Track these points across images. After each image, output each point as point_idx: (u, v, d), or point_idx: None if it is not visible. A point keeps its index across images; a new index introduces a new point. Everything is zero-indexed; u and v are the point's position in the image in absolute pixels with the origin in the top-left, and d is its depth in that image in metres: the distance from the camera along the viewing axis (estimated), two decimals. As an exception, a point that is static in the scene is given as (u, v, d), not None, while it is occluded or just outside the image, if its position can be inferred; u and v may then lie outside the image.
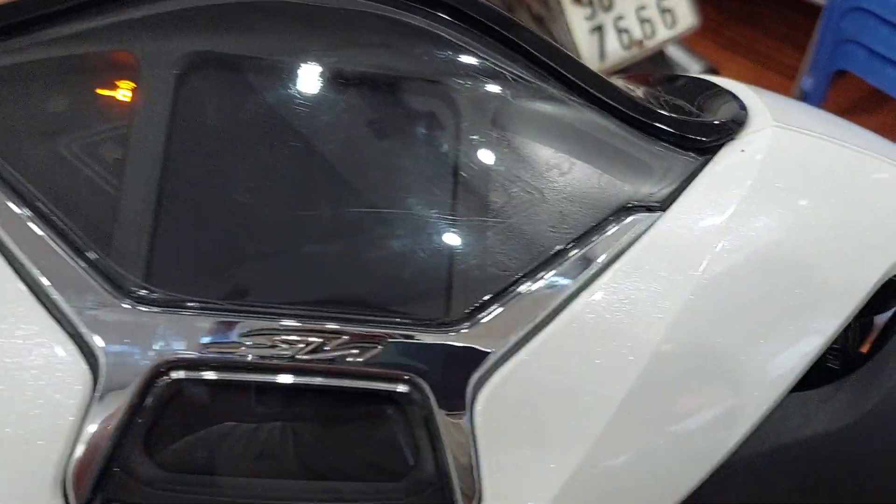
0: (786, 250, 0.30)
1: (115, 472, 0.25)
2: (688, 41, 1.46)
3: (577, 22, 1.24)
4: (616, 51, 1.29)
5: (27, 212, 0.25)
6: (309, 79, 0.28)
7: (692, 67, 1.53)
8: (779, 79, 1.98)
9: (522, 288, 0.28)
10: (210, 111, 0.27)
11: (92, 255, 0.25)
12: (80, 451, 0.24)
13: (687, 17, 1.32)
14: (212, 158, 0.27)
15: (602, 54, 1.29)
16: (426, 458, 0.27)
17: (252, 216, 0.27)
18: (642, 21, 1.29)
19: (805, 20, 1.89)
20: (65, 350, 0.24)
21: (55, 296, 0.24)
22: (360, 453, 0.27)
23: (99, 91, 0.27)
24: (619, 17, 1.27)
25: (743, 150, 0.31)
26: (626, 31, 1.29)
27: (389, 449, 0.27)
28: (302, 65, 0.28)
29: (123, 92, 0.27)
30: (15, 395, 0.24)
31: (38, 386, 0.24)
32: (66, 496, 0.25)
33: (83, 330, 0.24)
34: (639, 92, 0.37)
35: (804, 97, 1.96)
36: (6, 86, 0.26)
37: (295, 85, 0.28)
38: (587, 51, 1.23)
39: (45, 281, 0.24)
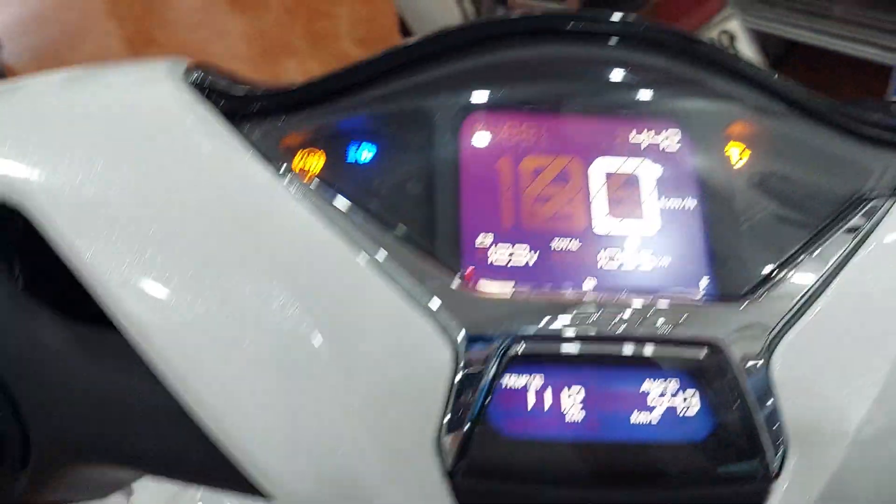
0: None
1: (478, 435, 0.28)
2: None
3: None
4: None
5: (372, 220, 0.31)
6: (566, 118, 0.34)
7: None
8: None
9: (791, 266, 0.32)
10: (492, 150, 0.33)
11: (433, 254, 0.30)
12: (449, 416, 0.28)
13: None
14: (498, 188, 0.32)
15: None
16: (733, 414, 0.30)
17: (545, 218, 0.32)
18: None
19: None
20: (428, 328, 0.28)
21: (414, 287, 0.29)
22: (672, 413, 0.30)
23: (409, 136, 0.33)
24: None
25: None
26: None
27: (700, 407, 0.30)
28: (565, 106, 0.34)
29: (426, 135, 0.33)
30: (394, 362, 0.28)
31: (413, 356, 0.28)
32: (441, 454, 0.28)
33: (441, 312, 0.29)
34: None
35: None
36: (369, 135, 0.32)
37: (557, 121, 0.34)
38: None
39: (403, 274, 0.29)
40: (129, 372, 0.29)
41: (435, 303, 0.29)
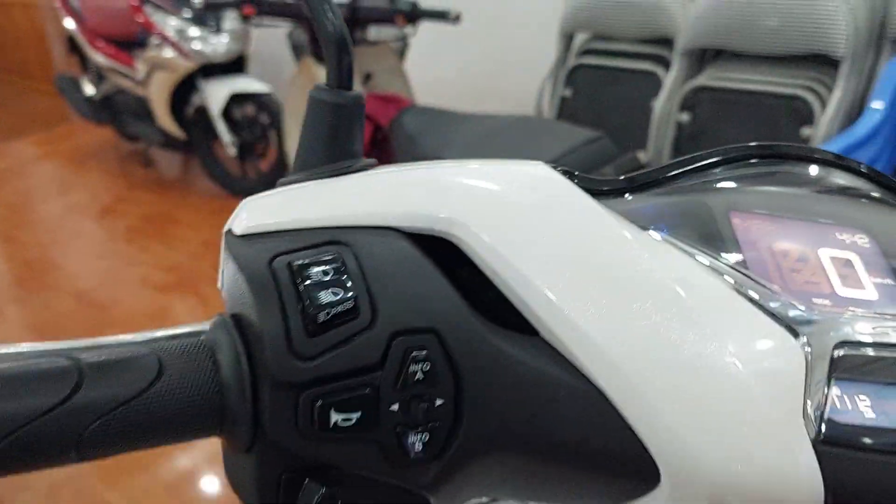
0: None
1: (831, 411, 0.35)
2: None
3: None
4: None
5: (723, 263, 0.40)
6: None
7: None
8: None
9: None
10: (752, 235, 0.43)
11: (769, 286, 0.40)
12: (811, 394, 0.35)
13: None
14: (765, 262, 0.42)
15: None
16: None
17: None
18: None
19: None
20: (783, 333, 0.36)
21: (768, 302, 0.38)
22: None
23: (694, 220, 0.43)
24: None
25: None
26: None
27: None
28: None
29: (709, 220, 0.43)
30: (757, 357, 0.35)
31: (774, 358, 0.36)
32: (807, 426, 0.34)
33: (789, 320, 0.37)
34: None
35: None
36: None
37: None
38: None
39: (756, 293, 0.39)
40: (556, 365, 0.34)
41: (786, 317, 0.37)
